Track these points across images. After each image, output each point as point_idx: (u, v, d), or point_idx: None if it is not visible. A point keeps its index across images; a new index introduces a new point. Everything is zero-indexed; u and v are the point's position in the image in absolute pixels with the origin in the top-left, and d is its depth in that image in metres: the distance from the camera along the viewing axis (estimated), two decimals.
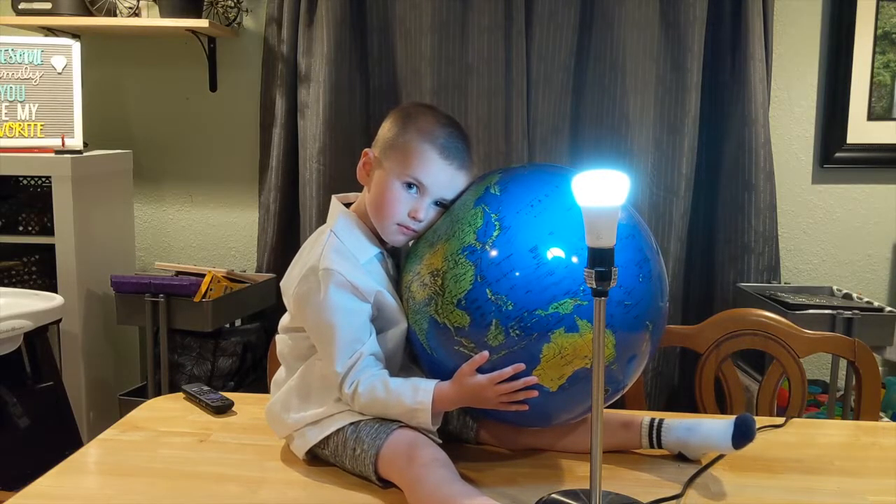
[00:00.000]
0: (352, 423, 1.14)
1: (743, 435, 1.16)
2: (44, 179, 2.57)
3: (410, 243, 1.22)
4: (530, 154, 2.63)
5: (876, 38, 2.69)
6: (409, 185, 1.16)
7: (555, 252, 1.05)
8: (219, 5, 2.78)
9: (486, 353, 1.06)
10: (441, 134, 1.17)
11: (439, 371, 1.13)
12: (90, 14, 2.69)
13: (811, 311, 2.24)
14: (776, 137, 2.68)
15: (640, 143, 2.60)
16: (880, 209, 2.79)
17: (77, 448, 1.25)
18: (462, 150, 1.18)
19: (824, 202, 2.80)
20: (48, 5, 2.64)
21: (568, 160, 2.66)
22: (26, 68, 2.59)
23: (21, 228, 2.56)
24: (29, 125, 2.59)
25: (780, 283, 2.64)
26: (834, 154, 2.75)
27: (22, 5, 2.65)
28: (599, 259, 0.93)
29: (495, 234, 1.07)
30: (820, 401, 2.55)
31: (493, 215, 1.09)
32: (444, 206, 1.18)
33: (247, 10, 2.83)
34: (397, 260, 1.24)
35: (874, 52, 2.70)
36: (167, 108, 2.92)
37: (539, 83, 2.62)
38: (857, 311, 2.22)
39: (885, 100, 2.72)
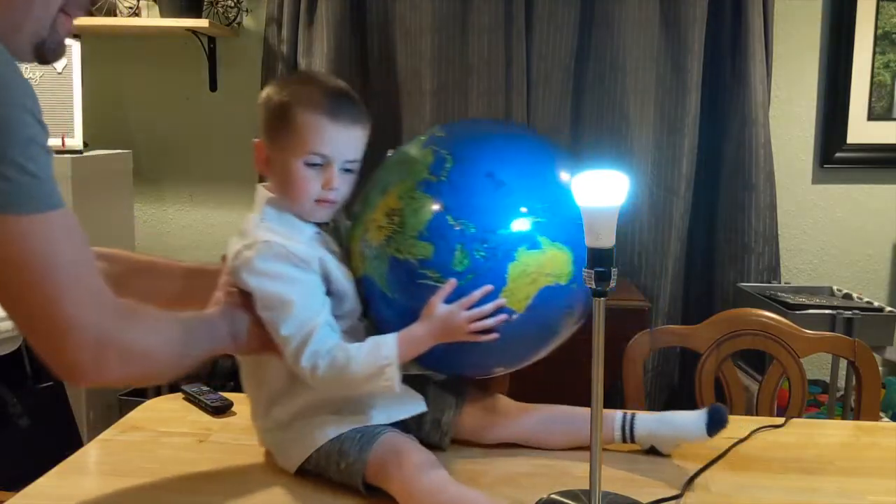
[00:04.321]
0: (331, 440, 1.10)
1: (716, 422, 1.16)
2: None
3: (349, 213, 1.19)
4: None
5: (876, 38, 2.69)
6: (313, 163, 1.11)
7: (509, 173, 1.10)
8: (219, 5, 2.78)
9: (454, 281, 1.06)
10: (324, 98, 1.11)
11: (401, 325, 1.09)
12: (90, 14, 2.69)
13: (811, 311, 2.24)
14: (776, 137, 2.68)
15: (640, 143, 2.60)
16: (880, 209, 2.79)
17: (77, 448, 1.25)
18: (350, 105, 1.13)
19: (824, 202, 2.80)
20: None
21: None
22: (26, 68, 2.58)
23: None
24: None
25: (780, 283, 2.64)
26: (834, 154, 2.75)
27: None
28: (599, 259, 0.93)
29: (448, 165, 1.10)
30: (820, 401, 2.55)
31: (443, 151, 1.12)
32: (350, 172, 1.13)
33: (247, 10, 2.83)
34: (339, 238, 1.18)
35: (874, 52, 2.70)
36: (167, 108, 2.92)
37: (539, 83, 2.62)
38: (857, 311, 2.22)
39: (885, 100, 2.72)
